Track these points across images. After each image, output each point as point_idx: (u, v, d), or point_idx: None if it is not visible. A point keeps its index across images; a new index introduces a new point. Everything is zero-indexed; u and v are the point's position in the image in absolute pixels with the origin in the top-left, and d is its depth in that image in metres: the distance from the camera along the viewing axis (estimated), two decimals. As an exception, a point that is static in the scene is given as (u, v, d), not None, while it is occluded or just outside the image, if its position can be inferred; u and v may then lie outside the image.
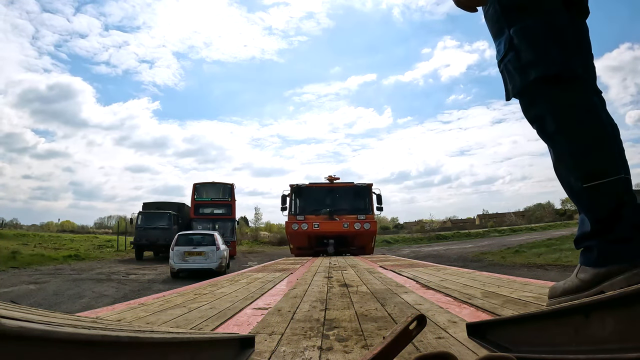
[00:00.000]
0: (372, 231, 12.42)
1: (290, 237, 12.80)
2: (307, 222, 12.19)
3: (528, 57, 1.28)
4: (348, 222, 12.09)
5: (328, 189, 13.00)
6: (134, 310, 1.97)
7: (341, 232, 12.15)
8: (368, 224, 12.22)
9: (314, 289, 2.79)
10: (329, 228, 12.17)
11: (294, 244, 12.82)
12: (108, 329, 0.61)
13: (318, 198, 12.83)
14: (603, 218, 1.18)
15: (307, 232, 12.14)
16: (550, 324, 0.88)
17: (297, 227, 12.22)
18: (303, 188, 12.87)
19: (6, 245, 18.13)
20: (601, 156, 1.21)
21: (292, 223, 12.34)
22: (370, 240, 12.76)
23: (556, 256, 11.71)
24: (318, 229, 12.11)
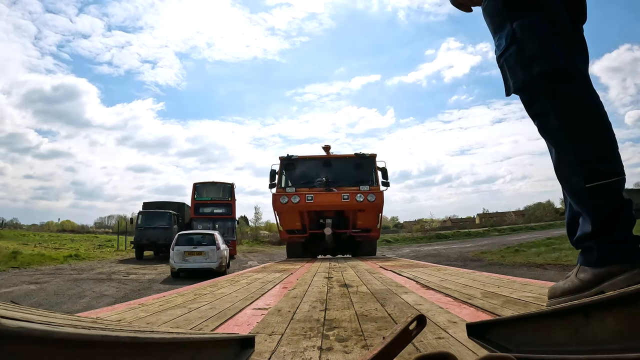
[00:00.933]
0: (378, 205, 9.73)
1: (279, 215, 9.99)
2: (299, 194, 9.62)
3: (532, 51, 1.26)
4: (349, 193, 9.59)
5: (324, 160, 10.40)
6: (134, 311, 1.97)
7: (340, 206, 9.71)
8: (373, 195, 9.62)
9: (314, 289, 2.79)
10: (325, 201, 9.67)
11: (284, 224, 10.10)
12: (108, 329, 0.61)
13: (313, 172, 10.27)
14: (604, 219, 1.17)
15: (299, 207, 9.62)
16: (550, 324, 0.88)
17: (287, 201, 9.60)
18: (295, 160, 10.36)
19: (6, 245, 18.14)
20: (605, 156, 1.19)
21: (281, 196, 9.69)
22: (376, 218, 10.03)
23: (556, 255, 11.71)
24: (312, 203, 9.58)
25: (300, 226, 9.87)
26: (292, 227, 10.02)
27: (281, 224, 10.13)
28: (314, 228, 9.83)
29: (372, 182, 10.08)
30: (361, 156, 10.31)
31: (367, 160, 10.31)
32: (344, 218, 9.86)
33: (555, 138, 1.26)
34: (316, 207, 9.64)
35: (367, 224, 9.92)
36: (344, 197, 9.55)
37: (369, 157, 10.31)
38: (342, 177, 10.13)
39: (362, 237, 10.04)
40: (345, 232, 9.91)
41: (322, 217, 9.78)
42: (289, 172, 10.31)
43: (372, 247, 10.66)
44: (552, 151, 1.29)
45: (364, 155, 10.32)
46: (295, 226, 9.93)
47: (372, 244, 10.57)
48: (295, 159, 10.30)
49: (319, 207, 9.66)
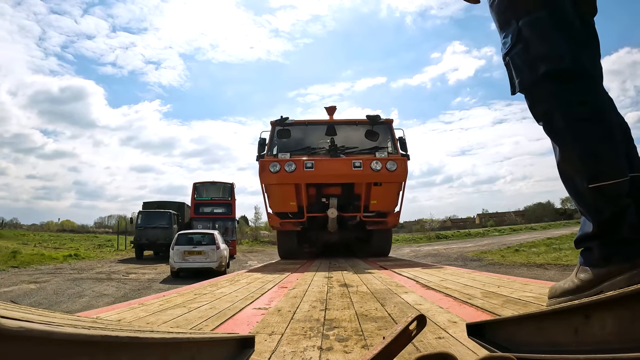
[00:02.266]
0: (400, 176, 7.18)
1: (268, 190, 7.41)
2: (296, 161, 7.02)
3: (538, 50, 1.24)
4: (361, 160, 7.01)
5: (328, 126, 7.65)
6: (134, 310, 1.97)
7: (350, 177, 7.06)
8: (394, 163, 7.02)
9: (314, 289, 2.79)
10: (330, 170, 7.04)
11: (274, 203, 7.48)
12: (108, 329, 0.61)
13: (313, 139, 7.83)
14: (605, 220, 1.16)
15: (295, 177, 6.97)
16: (550, 323, 0.88)
17: (279, 169, 7.00)
18: (290, 124, 7.75)
19: (6, 244, 18.14)
20: (609, 157, 1.18)
21: (271, 163, 7.07)
22: (396, 197, 7.46)
23: (556, 255, 11.72)
24: (313, 173, 6.96)
25: (295, 207, 7.11)
26: (284, 209, 7.28)
27: (270, 203, 7.40)
28: (314, 210, 7.19)
29: (391, 149, 7.58)
30: (375, 119, 7.62)
31: (383, 125, 7.77)
32: (354, 196, 7.28)
33: (559, 137, 1.25)
34: (317, 178, 6.97)
35: (384, 204, 7.23)
36: (355, 165, 6.87)
37: (384, 121, 7.78)
38: (352, 145, 7.66)
39: (376, 223, 7.39)
40: (354, 216, 7.38)
41: (324, 195, 7.20)
42: (282, 140, 7.59)
43: (387, 240, 7.98)
44: (556, 150, 1.27)
45: (378, 117, 7.68)
46: (289, 207, 7.15)
47: (387, 235, 7.93)
48: (291, 123, 7.68)
49: (322, 178, 6.98)
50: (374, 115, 7.69)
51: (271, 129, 7.76)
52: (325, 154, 7.36)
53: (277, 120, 7.74)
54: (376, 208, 7.24)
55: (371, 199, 7.14)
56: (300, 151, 7.45)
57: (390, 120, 7.90)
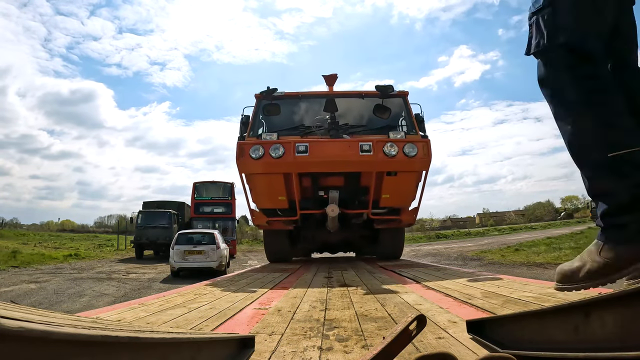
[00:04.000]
0: (422, 163, 5.49)
1: (249, 182, 5.79)
2: (284, 143, 5.37)
3: (565, 19, 1.20)
4: (371, 142, 5.33)
5: (328, 99, 5.69)
6: (134, 310, 1.97)
7: (356, 165, 5.38)
8: (414, 146, 5.36)
9: (314, 289, 2.79)
10: (330, 155, 5.36)
11: (258, 198, 5.89)
12: (108, 329, 0.61)
13: (308, 116, 6.14)
14: (635, 186, 1.07)
15: (284, 165, 5.33)
16: (550, 322, 0.88)
17: (262, 154, 5.34)
18: (279, 98, 5.94)
19: (6, 244, 18.14)
20: (628, 126, 1.12)
21: (252, 146, 5.41)
22: (414, 189, 5.85)
23: (555, 255, 11.72)
24: (306, 159, 5.31)
25: (285, 202, 5.53)
26: (271, 204, 5.71)
27: (253, 198, 5.80)
28: (309, 206, 5.57)
29: (408, 128, 5.82)
30: (386, 90, 5.70)
31: (397, 99, 5.97)
32: (360, 189, 5.59)
33: (573, 109, 1.19)
34: (313, 165, 5.26)
35: (398, 199, 5.57)
36: (362, 149, 5.18)
37: (398, 94, 5.96)
38: (357, 123, 5.91)
39: (386, 222, 5.80)
40: (360, 214, 5.74)
41: (322, 187, 5.55)
42: (270, 118, 5.88)
43: (399, 240, 6.48)
44: (566, 125, 1.21)
45: (390, 88, 5.73)
46: (277, 202, 5.58)
47: (399, 235, 6.41)
48: (280, 95, 5.86)
49: (319, 165, 5.27)
50: (386, 86, 5.73)
51: (255, 104, 5.91)
52: (323, 135, 5.48)
53: (262, 93, 5.84)
54: (388, 204, 5.57)
55: (382, 193, 5.40)
56: (290, 131, 5.63)
57: (405, 93, 6.10)
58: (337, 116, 5.62)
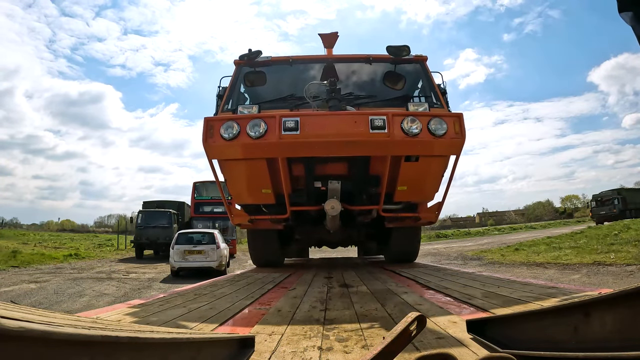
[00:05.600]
0: (453, 143, 3.84)
1: (223, 170, 4.30)
2: (267, 118, 3.76)
3: None
4: (384, 117, 3.70)
5: (326, 64, 4.52)
6: (134, 311, 1.97)
7: (364, 146, 3.77)
8: (441, 122, 3.78)
9: (314, 289, 2.79)
10: (328, 135, 3.72)
11: (236, 194, 4.50)
12: (108, 329, 0.61)
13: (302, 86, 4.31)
14: None
15: (267, 147, 3.74)
16: (550, 321, 0.88)
17: (237, 133, 3.75)
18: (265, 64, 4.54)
19: (6, 244, 18.14)
20: None
21: (223, 123, 3.82)
22: (438, 180, 4.36)
23: (555, 254, 11.73)
24: (298, 138, 3.69)
25: (271, 196, 4.24)
26: (253, 199, 4.43)
27: (230, 190, 4.47)
28: (301, 201, 4.34)
29: (432, 100, 4.42)
30: (399, 52, 4.34)
31: (414, 65, 4.64)
32: (369, 179, 4.29)
33: None
34: (306, 147, 3.84)
35: (419, 191, 4.33)
36: (374, 125, 3.76)
37: (415, 59, 4.59)
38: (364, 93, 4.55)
39: (400, 219, 4.66)
40: (368, 211, 4.48)
41: (319, 176, 4.24)
42: (253, 91, 4.75)
43: (414, 240, 5.33)
44: None
45: (405, 51, 4.34)
46: (261, 197, 4.29)
47: (414, 234, 5.26)
48: (266, 60, 4.54)
49: (314, 147, 3.85)
50: (399, 47, 4.31)
51: (234, 72, 4.57)
52: (321, 107, 4.08)
53: (243, 57, 4.46)
54: (405, 198, 4.28)
55: (398, 184, 4.08)
56: (276, 103, 4.28)
57: (423, 58, 4.63)
58: (339, 85, 4.17)
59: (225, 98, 4.44)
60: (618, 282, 7.13)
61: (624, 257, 9.22)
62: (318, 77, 4.40)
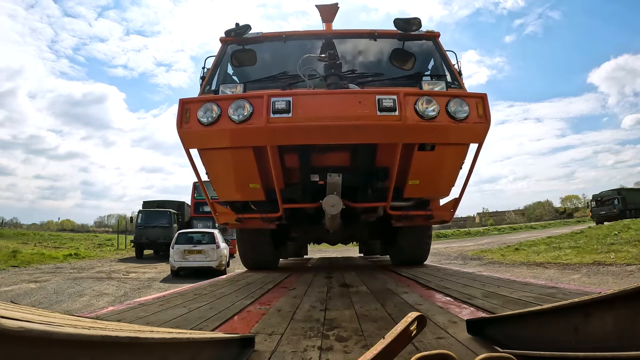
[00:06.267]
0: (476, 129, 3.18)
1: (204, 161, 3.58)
2: (253, 99, 3.10)
3: None
4: (394, 96, 3.05)
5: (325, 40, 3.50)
6: (134, 310, 1.97)
7: (371, 131, 3.10)
8: (462, 103, 3.11)
9: (314, 289, 2.79)
10: (328, 117, 3.05)
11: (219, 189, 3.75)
12: (108, 329, 0.61)
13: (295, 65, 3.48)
14: None
15: (255, 133, 3.09)
16: (550, 322, 0.88)
17: (217, 117, 3.10)
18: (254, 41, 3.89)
19: (6, 244, 18.14)
20: None
21: (202, 105, 3.15)
22: (455, 173, 3.69)
23: (555, 254, 11.73)
24: (290, 123, 3.05)
25: (261, 192, 3.66)
26: (239, 195, 3.83)
27: (213, 185, 3.81)
28: (297, 197, 3.81)
29: (449, 79, 3.84)
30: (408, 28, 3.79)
31: (426, 42, 4.05)
32: (375, 171, 3.72)
33: None
34: (301, 133, 3.14)
35: (433, 185, 3.79)
36: (382, 105, 3.06)
37: (426, 35, 4.01)
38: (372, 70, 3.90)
39: (410, 218, 4.06)
40: (374, 209, 3.96)
41: (317, 167, 3.70)
42: (242, 71, 4.07)
43: (425, 241, 4.84)
44: None
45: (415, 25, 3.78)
46: (248, 193, 3.72)
47: (425, 234, 4.78)
48: (256, 37, 3.98)
49: (310, 133, 3.15)
50: (408, 19, 3.75)
51: (219, 50, 3.99)
52: (318, 85, 3.50)
53: (230, 32, 3.85)
54: (416, 193, 3.73)
55: (410, 177, 3.52)
56: (266, 83, 3.64)
57: (436, 34, 4.01)
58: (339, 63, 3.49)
59: (207, 78, 3.85)
60: (618, 282, 7.13)
61: (624, 257, 9.23)
62: (317, 54, 3.59)
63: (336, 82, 3.40)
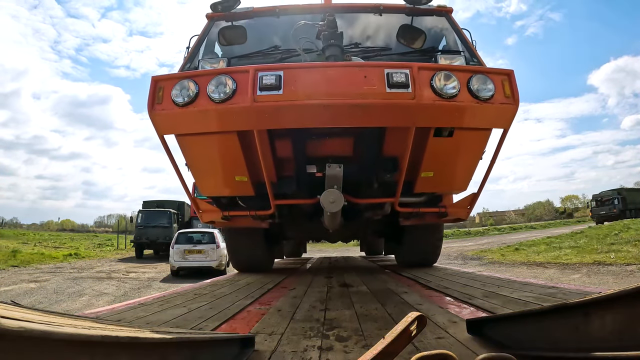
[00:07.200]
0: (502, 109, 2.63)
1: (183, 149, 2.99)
2: (237, 74, 2.55)
3: None
4: (409, 69, 2.53)
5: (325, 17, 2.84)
6: (134, 310, 1.97)
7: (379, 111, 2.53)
8: (487, 81, 2.58)
9: (314, 289, 2.79)
10: (327, 94, 2.49)
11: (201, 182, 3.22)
12: (108, 329, 0.61)
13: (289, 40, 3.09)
14: None
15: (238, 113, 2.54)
16: (550, 322, 0.88)
17: (196, 95, 2.58)
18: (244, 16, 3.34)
19: (6, 244, 18.14)
20: None
21: (176, 82, 2.63)
22: (475, 163, 3.13)
23: (555, 254, 11.73)
24: (281, 102, 2.49)
25: (248, 186, 3.11)
26: (224, 190, 3.26)
27: (193, 176, 3.24)
28: (290, 192, 3.23)
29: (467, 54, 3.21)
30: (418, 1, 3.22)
31: (438, 17, 3.47)
32: (382, 162, 3.18)
33: None
34: (294, 114, 2.57)
35: (449, 179, 3.24)
36: (392, 81, 2.51)
37: (438, 9, 3.43)
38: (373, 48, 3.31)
39: (420, 216, 3.58)
40: (380, 205, 3.43)
41: (314, 157, 3.20)
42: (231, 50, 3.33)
43: (434, 241, 4.44)
44: None
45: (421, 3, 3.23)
46: (234, 186, 3.16)
47: (436, 233, 4.35)
48: (246, 12, 3.39)
49: (304, 114, 2.58)
50: None
51: (205, 27, 3.50)
52: (315, 60, 3.00)
53: (216, 6, 3.30)
54: (430, 187, 3.26)
55: (423, 168, 3.08)
56: (255, 59, 3.16)
57: (449, 9, 3.57)
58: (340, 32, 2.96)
59: (188, 57, 3.29)
60: (618, 282, 7.13)
61: (624, 256, 9.23)
62: (313, 32, 3.04)
63: (336, 53, 2.82)
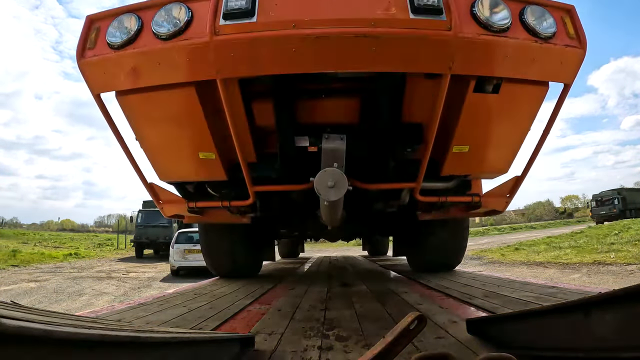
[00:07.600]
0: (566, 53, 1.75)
1: (128, 118, 2.02)
2: (193, 2, 1.69)
3: None
4: None
5: None
6: (134, 310, 1.97)
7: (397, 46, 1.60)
8: (546, 14, 1.72)
9: (314, 289, 2.79)
10: (323, 23, 1.59)
11: (155, 164, 2.23)
12: (108, 329, 0.61)
13: None
14: None
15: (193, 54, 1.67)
16: (550, 322, 0.88)
17: (137, 32, 1.74)
18: None
19: (6, 244, 18.15)
20: None
21: (112, 20, 1.79)
22: (525, 132, 2.20)
23: (556, 254, 11.73)
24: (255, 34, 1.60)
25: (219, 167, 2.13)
26: (182, 172, 2.29)
27: (147, 155, 2.24)
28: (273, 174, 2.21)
29: None
30: None
31: None
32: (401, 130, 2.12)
33: None
34: (275, 52, 1.63)
35: (491, 154, 2.24)
36: (418, 1, 1.61)
37: None
38: None
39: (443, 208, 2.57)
40: (396, 192, 2.48)
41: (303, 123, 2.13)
42: None
43: (459, 239, 3.41)
44: None
45: None
46: (197, 168, 2.19)
47: (460, 230, 3.33)
48: None
49: (291, 53, 1.61)
50: None
51: None
52: None
53: None
54: (462, 168, 2.29)
55: (456, 139, 2.08)
56: None
57: None
58: None
59: None
60: (618, 282, 7.13)
61: (624, 256, 9.23)
62: None
63: None
